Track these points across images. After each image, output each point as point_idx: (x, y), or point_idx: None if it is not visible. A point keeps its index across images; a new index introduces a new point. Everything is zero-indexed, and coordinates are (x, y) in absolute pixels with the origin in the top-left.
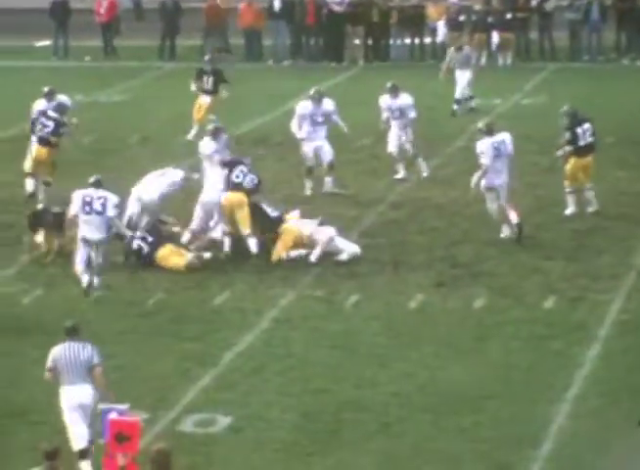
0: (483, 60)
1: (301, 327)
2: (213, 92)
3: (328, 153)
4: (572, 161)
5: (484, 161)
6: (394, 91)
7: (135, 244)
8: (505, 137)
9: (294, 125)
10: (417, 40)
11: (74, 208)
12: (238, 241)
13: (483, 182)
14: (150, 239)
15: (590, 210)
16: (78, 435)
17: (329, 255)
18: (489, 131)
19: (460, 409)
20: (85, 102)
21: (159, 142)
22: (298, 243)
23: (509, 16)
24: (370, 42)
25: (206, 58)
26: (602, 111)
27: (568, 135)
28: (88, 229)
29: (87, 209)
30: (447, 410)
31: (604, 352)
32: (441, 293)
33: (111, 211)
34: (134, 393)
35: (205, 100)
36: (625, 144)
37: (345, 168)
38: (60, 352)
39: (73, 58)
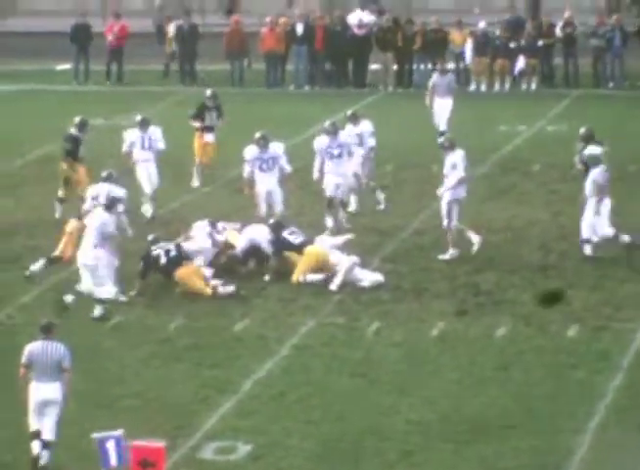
0: (507, 85)
1: (322, 354)
2: (215, 128)
3: (341, 192)
4: None
5: (460, 172)
6: (355, 119)
7: (155, 252)
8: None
9: (315, 164)
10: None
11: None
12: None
13: (450, 195)
14: (173, 253)
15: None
16: (37, 425)
17: (349, 283)
18: (452, 146)
19: (482, 439)
20: (106, 126)
21: (180, 166)
22: (320, 267)
23: (540, 42)
24: (394, 67)
25: (208, 93)
26: (625, 138)
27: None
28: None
29: (95, 203)
30: (469, 439)
31: (627, 381)
32: (463, 321)
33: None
34: (154, 420)
35: (209, 138)
36: None
37: (369, 195)
38: (36, 349)
39: (93, 82)
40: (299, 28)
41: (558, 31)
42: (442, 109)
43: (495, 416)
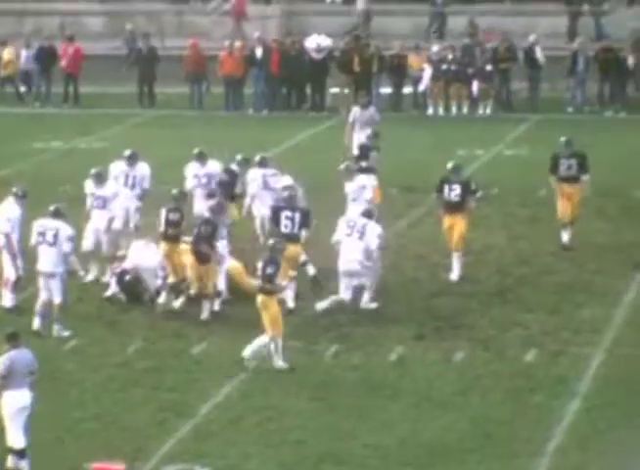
0: (464, 110)
1: (280, 378)
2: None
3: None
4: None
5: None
6: (202, 158)
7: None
8: None
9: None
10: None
11: (32, 238)
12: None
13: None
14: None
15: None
16: (19, 436)
17: (308, 305)
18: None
19: (440, 463)
20: (64, 149)
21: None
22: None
23: (489, 67)
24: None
25: (369, 132)
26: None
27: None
28: (41, 261)
29: (40, 239)
30: (427, 464)
31: (584, 406)
32: (422, 345)
33: (65, 246)
34: (113, 443)
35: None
36: (606, 196)
37: (324, 217)
38: (13, 358)
39: (53, 105)
40: (258, 52)
41: (520, 55)
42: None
43: (453, 440)
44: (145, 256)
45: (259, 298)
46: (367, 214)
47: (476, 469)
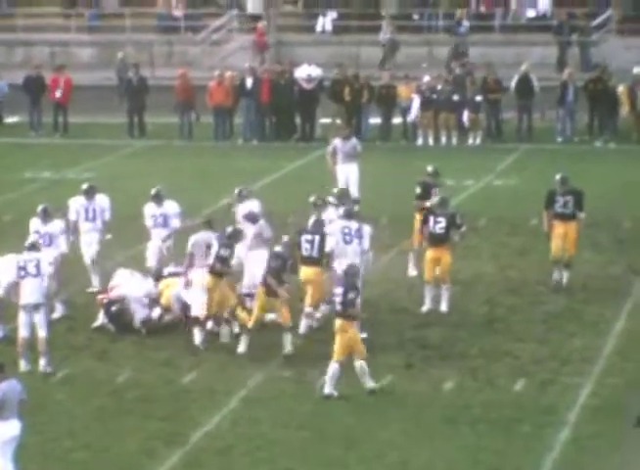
0: (454, 140)
1: (270, 407)
2: None
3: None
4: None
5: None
6: (158, 199)
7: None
8: None
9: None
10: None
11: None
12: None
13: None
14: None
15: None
16: (8, 467)
17: (298, 335)
18: (325, 204)
19: None
20: (53, 179)
21: (126, 221)
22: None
23: (478, 98)
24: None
25: (430, 169)
26: None
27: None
28: (26, 294)
29: (22, 273)
30: None
31: (573, 436)
32: (411, 374)
33: (46, 269)
34: None
35: None
36: (596, 227)
37: None
38: (7, 389)
39: (44, 134)
40: (249, 82)
41: (512, 85)
42: (349, 175)
43: (442, 467)
44: (132, 285)
45: (338, 322)
46: (349, 215)
47: None
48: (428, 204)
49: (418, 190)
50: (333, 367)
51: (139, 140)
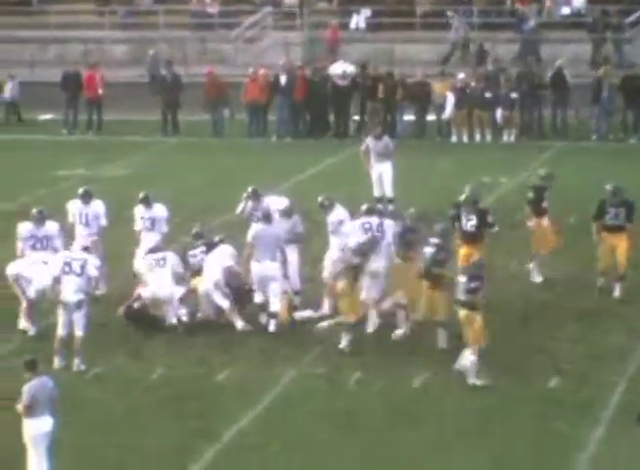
0: (488, 137)
1: (303, 405)
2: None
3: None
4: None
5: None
6: (147, 201)
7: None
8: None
9: None
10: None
11: (55, 269)
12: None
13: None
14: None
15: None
16: (41, 463)
17: (331, 332)
18: (331, 205)
19: None
20: (87, 176)
21: None
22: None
23: (514, 95)
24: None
25: (542, 172)
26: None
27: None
28: (68, 291)
29: (67, 269)
30: None
31: (608, 434)
32: (445, 372)
33: (92, 271)
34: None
35: None
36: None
37: None
38: (38, 386)
39: (79, 131)
40: (283, 79)
41: (569, 77)
42: (383, 175)
43: (477, 468)
44: (161, 284)
45: (462, 312)
46: (370, 211)
47: None
48: (544, 205)
49: (530, 194)
50: (470, 358)
51: (173, 137)
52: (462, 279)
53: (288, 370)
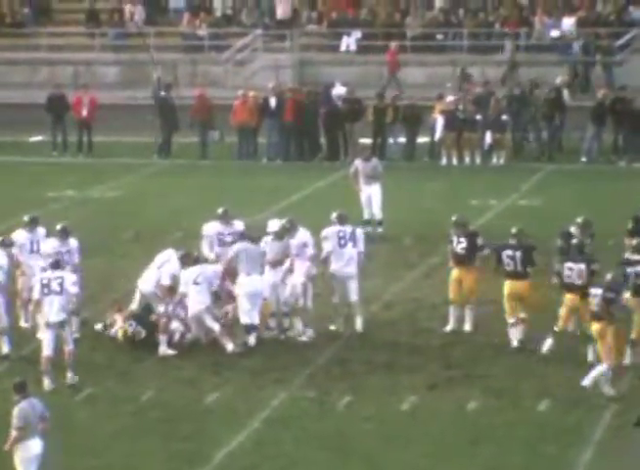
0: (477, 159)
1: (293, 427)
2: None
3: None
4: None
5: (311, 250)
6: (226, 217)
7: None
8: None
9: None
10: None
11: (35, 292)
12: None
13: (304, 275)
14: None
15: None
16: None
17: (321, 354)
18: (294, 227)
19: None
20: (77, 198)
21: (151, 238)
22: None
23: (504, 117)
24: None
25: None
26: (600, 213)
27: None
28: (51, 311)
29: (46, 291)
30: None
31: (597, 455)
32: (435, 394)
33: (72, 288)
34: None
35: None
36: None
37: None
38: (28, 409)
39: (69, 153)
40: (272, 102)
41: (566, 97)
42: (372, 196)
43: None
44: (200, 300)
45: (595, 326)
46: (342, 220)
47: None
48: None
49: (630, 225)
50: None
51: (164, 159)
52: (597, 291)
53: (278, 393)
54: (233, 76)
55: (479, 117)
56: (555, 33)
